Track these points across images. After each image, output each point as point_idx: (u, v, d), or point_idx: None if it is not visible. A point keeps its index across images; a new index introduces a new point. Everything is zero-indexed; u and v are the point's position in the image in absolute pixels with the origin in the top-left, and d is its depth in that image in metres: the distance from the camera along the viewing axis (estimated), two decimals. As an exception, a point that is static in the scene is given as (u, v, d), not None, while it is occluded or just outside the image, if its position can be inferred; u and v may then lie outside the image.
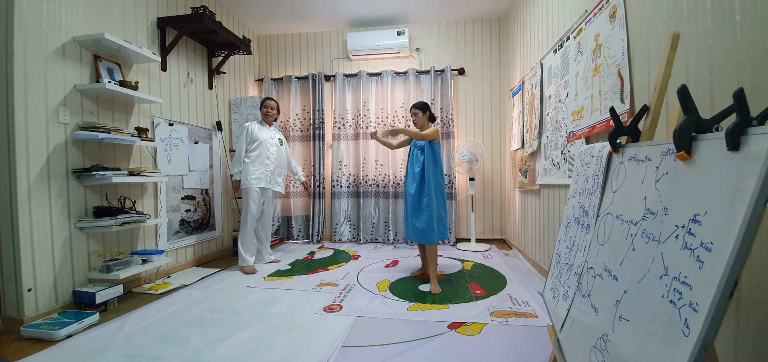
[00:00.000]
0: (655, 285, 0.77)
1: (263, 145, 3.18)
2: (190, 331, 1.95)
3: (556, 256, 1.51)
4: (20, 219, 2.00)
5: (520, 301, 2.33)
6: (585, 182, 1.39)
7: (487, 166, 4.39)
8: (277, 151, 3.29)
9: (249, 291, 2.62)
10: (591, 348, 0.98)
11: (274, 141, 3.30)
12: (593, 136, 2.09)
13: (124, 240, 2.67)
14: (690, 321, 0.64)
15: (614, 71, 1.85)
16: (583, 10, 2.20)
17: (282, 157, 3.37)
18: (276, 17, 4.28)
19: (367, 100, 4.44)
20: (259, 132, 3.21)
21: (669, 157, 0.85)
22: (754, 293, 1.05)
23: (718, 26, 1.18)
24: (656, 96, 1.06)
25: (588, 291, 1.11)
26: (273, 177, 3.26)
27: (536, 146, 3.02)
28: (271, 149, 3.24)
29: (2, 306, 2.03)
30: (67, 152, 2.25)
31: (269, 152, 3.22)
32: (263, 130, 3.24)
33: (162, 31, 3.08)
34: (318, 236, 4.47)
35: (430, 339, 1.83)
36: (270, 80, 4.63)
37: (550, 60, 2.77)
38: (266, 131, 3.26)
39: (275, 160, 3.26)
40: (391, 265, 3.29)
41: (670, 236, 0.77)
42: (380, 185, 4.41)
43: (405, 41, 4.25)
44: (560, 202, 2.59)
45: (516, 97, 3.77)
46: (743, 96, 0.64)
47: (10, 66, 1.98)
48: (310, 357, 1.66)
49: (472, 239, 4.05)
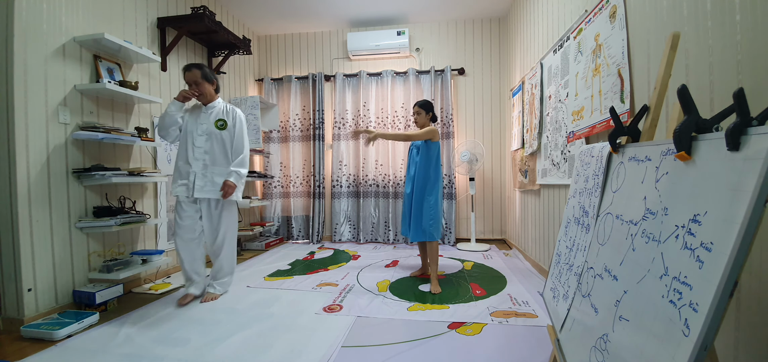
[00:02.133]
0: (655, 285, 0.77)
1: (187, 138, 2.35)
2: (190, 331, 1.95)
3: (556, 256, 1.51)
4: (20, 219, 2.00)
5: (520, 301, 2.33)
6: (585, 182, 1.39)
7: (487, 166, 4.39)
8: (208, 143, 2.36)
9: (249, 291, 2.62)
10: (591, 348, 0.98)
11: (204, 129, 2.35)
12: (593, 136, 2.09)
13: (124, 240, 2.67)
14: (690, 321, 0.63)
15: (614, 71, 1.85)
16: (583, 10, 2.20)
17: (217, 149, 2.37)
18: (276, 17, 4.28)
19: (367, 100, 4.44)
20: (189, 118, 2.39)
21: (669, 157, 0.85)
22: (754, 293, 1.05)
23: (718, 26, 1.18)
24: (656, 96, 1.06)
25: (588, 291, 1.11)
26: (204, 180, 2.33)
27: (536, 146, 3.02)
28: (197, 141, 2.34)
29: (2, 306, 2.03)
30: (67, 152, 2.25)
31: (195, 145, 2.33)
32: (194, 115, 2.40)
33: (162, 31, 3.08)
34: (318, 236, 4.47)
35: (430, 339, 1.83)
36: (270, 80, 4.63)
37: (550, 60, 2.77)
38: (197, 116, 2.39)
39: (205, 156, 2.35)
40: (391, 265, 3.29)
41: (670, 236, 0.77)
42: (380, 185, 4.41)
43: (405, 41, 4.25)
44: (560, 202, 2.59)
45: (516, 97, 3.77)
46: (743, 96, 0.64)
47: (10, 66, 1.98)
48: (310, 357, 1.66)
49: (472, 239, 4.05)
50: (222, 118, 2.40)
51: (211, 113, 2.40)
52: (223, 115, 2.41)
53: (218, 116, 2.40)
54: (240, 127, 2.42)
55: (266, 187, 4.67)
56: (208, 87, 2.37)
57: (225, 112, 2.42)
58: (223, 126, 2.38)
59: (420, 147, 2.67)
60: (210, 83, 2.39)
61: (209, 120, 2.38)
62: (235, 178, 2.35)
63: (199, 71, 2.32)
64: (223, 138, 2.38)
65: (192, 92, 2.31)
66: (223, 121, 2.39)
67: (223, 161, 2.38)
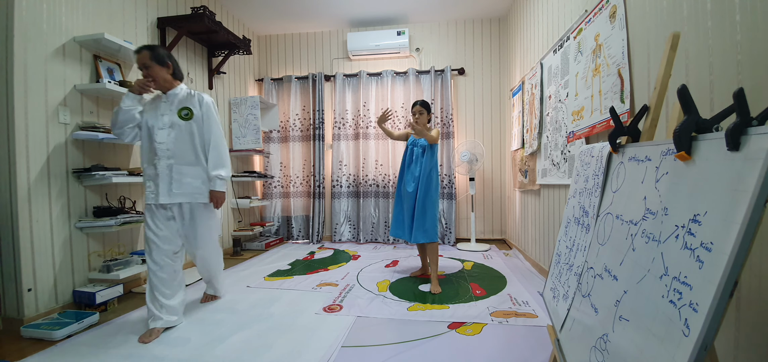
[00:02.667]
0: (655, 285, 0.77)
1: (149, 133, 2.00)
2: (190, 331, 1.95)
3: (556, 256, 1.51)
4: (20, 219, 2.00)
5: (520, 301, 2.33)
6: (585, 182, 1.39)
7: (487, 166, 4.39)
8: (172, 137, 1.99)
9: (249, 291, 2.62)
10: (591, 348, 0.98)
11: (166, 121, 1.99)
12: (593, 136, 2.09)
13: (124, 240, 2.67)
14: (690, 321, 0.63)
15: (614, 71, 1.85)
16: (583, 10, 2.20)
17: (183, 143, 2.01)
18: (276, 17, 4.28)
19: (367, 100, 4.44)
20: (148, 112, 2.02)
21: (669, 157, 0.85)
22: (754, 293, 1.05)
23: (718, 26, 1.18)
24: (656, 96, 1.06)
25: (588, 291, 1.11)
26: (171, 182, 1.98)
27: (536, 146, 3.02)
28: (158, 136, 1.98)
29: (2, 306, 2.02)
30: (67, 152, 2.25)
31: (157, 142, 1.97)
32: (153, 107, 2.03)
33: (162, 31, 3.08)
34: (318, 236, 4.47)
35: (430, 339, 1.83)
36: (270, 80, 4.63)
37: (550, 60, 2.77)
38: (156, 107, 2.02)
39: (169, 153, 1.98)
40: (391, 265, 3.29)
41: (670, 236, 0.77)
42: (380, 185, 4.41)
43: (405, 41, 4.25)
44: (560, 202, 2.59)
45: (516, 97, 3.77)
46: (743, 96, 0.64)
47: (10, 66, 1.98)
48: (310, 357, 1.66)
49: (472, 239, 4.05)
50: (186, 106, 2.03)
51: (172, 102, 2.03)
52: (187, 102, 2.04)
53: (182, 104, 2.03)
54: (209, 115, 2.06)
55: (266, 187, 4.67)
56: (160, 71, 1.97)
57: (189, 99, 2.06)
58: (189, 115, 2.01)
59: (425, 147, 2.67)
60: (163, 66, 1.98)
61: (171, 110, 2.01)
62: (220, 186, 2.07)
63: (148, 52, 1.95)
64: (191, 130, 2.02)
65: (148, 82, 1.95)
66: (188, 110, 2.02)
67: (192, 157, 2.03)
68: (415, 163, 2.69)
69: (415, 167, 2.68)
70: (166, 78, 2.01)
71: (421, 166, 2.64)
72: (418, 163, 2.67)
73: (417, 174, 2.65)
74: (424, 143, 2.68)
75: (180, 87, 2.08)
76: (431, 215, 2.60)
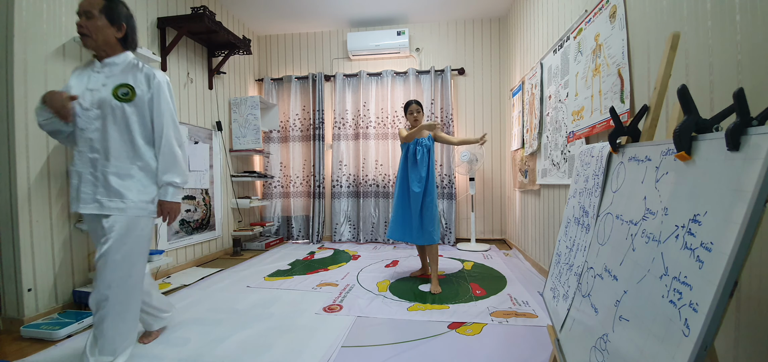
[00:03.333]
0: (655, 285, 0.77)
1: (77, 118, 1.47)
2: (190, 331, 1.94)
3: (556, 256, 1.51)
4: (20, 219, 2.00)
5: (520, 301, 2.33)
6: (585, 182, 1.39)
7: (487, 166, 4.39)
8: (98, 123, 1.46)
9: (249, 291, 2.62)
10: (591, 348, 0.98)
11: (94, 99, 1.46)
12: (593, 136, 2.09)
13: (124, 240, 2.66)
14: (690, 321, 0.64)
15: (614, 71, 1.85)
16: (583, 10, 2.20)
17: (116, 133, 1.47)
18: (276, 17, 4.28)
19: (367, 100, 4.44)
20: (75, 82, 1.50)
21: (669, 157, 0.85)
22: (754, 293, 1.05)
23: (718, 26, 1.18)
24: (656, 96, 1.06)
25: (588, 291, 1.11)
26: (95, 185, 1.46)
27: (536, 146, 3.02)
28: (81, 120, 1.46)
29: (2, 306, 2.02)
30: (66, 152, 2.25)
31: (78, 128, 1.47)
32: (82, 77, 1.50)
33: (162, 31, 3.08)
34: (318, 236, 4.47)
35: (430, 339, 1.83)
36: (270, 80, 4.63)
37: (550, 60, 2.77)
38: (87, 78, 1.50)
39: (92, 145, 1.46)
40: (391, 265, 3.29)
41: (670, 236, 0.77)
42: (380, 185, 4.41)
43: (405, 41, 4.24)
44: (560, 202, 2.59)
45: (516, 97, 3.77)
46: (743, 96, 0.64)
47: (10, 66, 1.98)
48: (310, 357, 1.66)
49: (472, 239, 4.05)
50: (125, 83, 1.46)
51: (108, 75, 1.47)
52: (128, 78, 1.48)
53: (121, 80, 1.47)
54: (159, 99, 1.49)
55: (266, 187, 4.67)
56: (104, 28, 1.44)
57: (132, 74, 1.49)
58: (128, 96, 1.44)
59: (430, 148, 2.67)
60: (112, 25, 1.46)
61: (104, 85, 1.45)
62: (172, 195, 1.54)
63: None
64: (128, 116, 1.46)
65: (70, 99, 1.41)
66: (128, 88, 1.44)
67: (125, 154, 1.47)
68: (420, 164, 2.65)
69: (421, 168, 2.64)
70: (108, 40, 1.47)
71: (428, 167, 2.65)
72: (423, 163, 2.65)
73: (424, 175, 2.63)
74: (427, 144, 2.67)
75: (124, 55, 1.53)
76: (436, 216, 2.63)
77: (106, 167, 1.46)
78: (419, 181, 2.62)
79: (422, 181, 2.62)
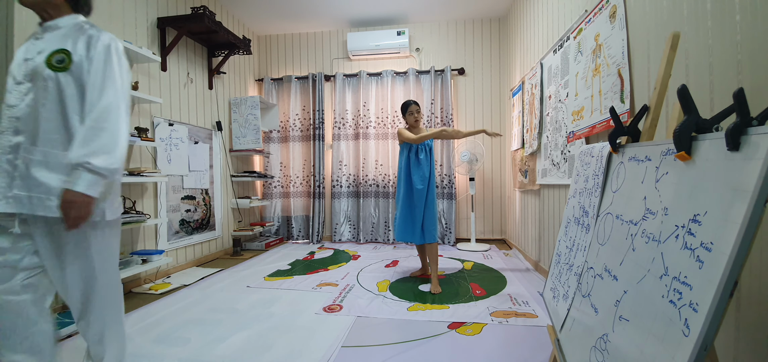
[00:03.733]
0: (655, 285, 0.77)
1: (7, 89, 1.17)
2: (190, 331, 1.95)
3: (556, 256, 1.51)
4: (20, 219, 1.99)
5: (520, 301, 2.32)
6: (585, 182, 1.39)
7: (487, 166, 4.39)
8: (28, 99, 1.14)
9: (249, 291, 2.62)
10: (591, 348, 0.98)
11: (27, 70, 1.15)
12: (593, 136, 2.09)
13: (124, 240, 2.67)
14: (690, 321, 0.63)
15: (614, 71, 1.85)
16: (583, 10, 2.20)
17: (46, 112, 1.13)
18: (276, 17, 4.28)
19: (367, 100, 4.44)
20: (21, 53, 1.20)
21: (669, 157, 0.85)
22: (754, 293, 1.05)
23: (718, 26, 1.18)
24: (656, 96, 1.06)
25: (588, 291, 1.11)
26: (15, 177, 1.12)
27: (536, 146, 3.02)
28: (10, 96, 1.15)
29: (2, 307, 2.00)
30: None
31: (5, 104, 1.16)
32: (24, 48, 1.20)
33: (162, 31, 3.08)
34: (318, 236, 4.47)
35: (430, 339, 1.83)
36: (270, 80, 4.63)
37: (550, 60, 2.77)
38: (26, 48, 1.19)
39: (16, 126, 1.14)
40: (391, 265, 3.29)
41: (670, 236, 0.77)
42: (380, 185, 4.41)
43: (405, 41, 4.24)
44: (560, 202, 2.59)
45: (516, 97, 3.77)
46: (743, 96, 0.64)
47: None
48: (310, 357, 1.66)
49: (472, 239, 4.05)
50: (61, 48, 1.15)
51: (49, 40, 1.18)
52: (66, 43, 1.16)
53: (58, 45, 1.16)
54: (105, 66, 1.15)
55: (266, 187, 4.67)
56: None
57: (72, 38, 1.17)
58: (64, 64, 1.14)
59: (431, 147, 2.68)
60: None
61: (40, 52, 1.15)
62: (85, 184, 1.08)
63: None
64: (63, 88, 1.14)
65: None
66: (64, 55, 1.14)
67: (57, 138, 1.14)
68: (423, 164, 2.65)
69: (424, 168, 2.64)
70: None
71: (430, 166, 2.66)
72: (426, 163, 2.66)
73: (427, 174, 2.64)
74: (429, 143, 2.70)
75: (68, 18, 1.22)
76: (436, 215, 2.66)
77: (31, 154, 1.12)
78: (423, 179, 2.64)
79: (425, 179, 2.64)
